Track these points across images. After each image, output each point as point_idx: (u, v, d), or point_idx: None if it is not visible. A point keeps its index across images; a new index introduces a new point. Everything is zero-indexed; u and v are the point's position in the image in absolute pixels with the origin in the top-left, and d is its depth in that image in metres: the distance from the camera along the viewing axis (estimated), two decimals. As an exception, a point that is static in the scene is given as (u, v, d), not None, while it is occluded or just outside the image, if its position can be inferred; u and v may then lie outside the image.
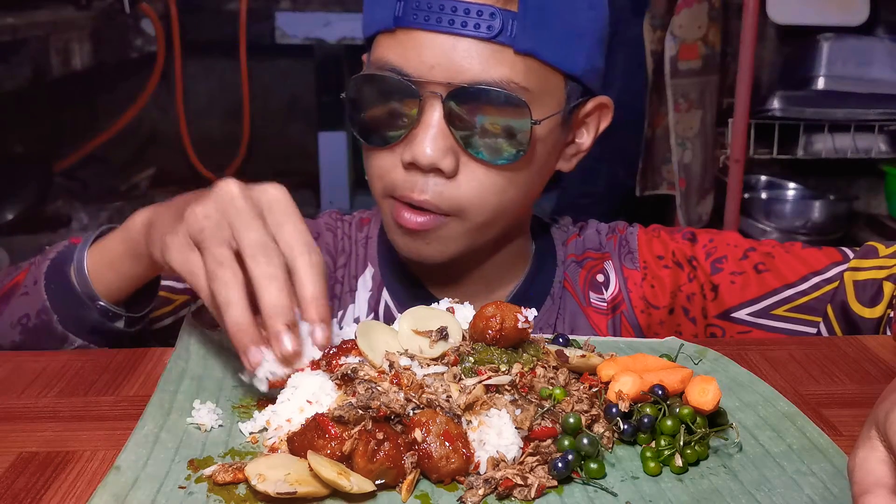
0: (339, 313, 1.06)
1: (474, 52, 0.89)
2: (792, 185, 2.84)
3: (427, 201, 0.91)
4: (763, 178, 2.86)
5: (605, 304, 1.06)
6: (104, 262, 0.87)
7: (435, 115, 0.90)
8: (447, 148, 0.90)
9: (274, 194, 0.74)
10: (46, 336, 0.89)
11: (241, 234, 0.71)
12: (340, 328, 0.80)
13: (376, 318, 1.05)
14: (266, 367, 0.70)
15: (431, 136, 0.89)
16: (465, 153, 0.91)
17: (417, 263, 1.03)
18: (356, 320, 1.05)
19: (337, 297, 1.06)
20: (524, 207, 1.01)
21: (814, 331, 1.02)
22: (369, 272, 1.07)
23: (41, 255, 0.93)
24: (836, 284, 1.02)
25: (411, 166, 0.91)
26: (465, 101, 0.89)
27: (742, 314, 1.04)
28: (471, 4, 0.88)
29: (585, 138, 1.03)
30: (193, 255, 0.73)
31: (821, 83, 2.60)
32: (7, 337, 0.91)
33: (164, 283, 0.96)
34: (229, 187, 0.73)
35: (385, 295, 1.06)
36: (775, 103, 2.55)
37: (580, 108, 0.99)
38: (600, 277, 1.07)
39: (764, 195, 2.83)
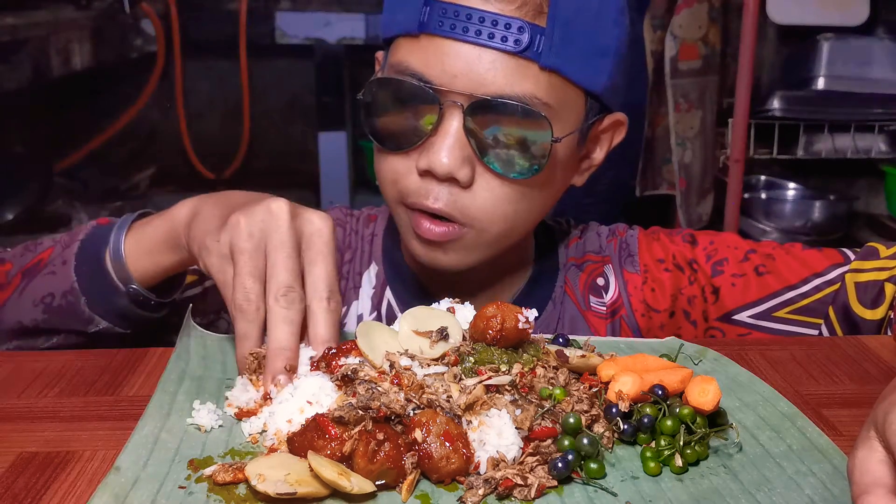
0: (343, 309, 1.06)
1: (499, 64, 0.88)
2: (792, 185, 2.83)
3: (441, 210, 0.91)
4: (763, 178, 2.86)
5: (605, 309, 1.06)
6: (142, 247, 0.88)
7: (454, 125, 0.89)
8: (464, 158, 0.89)
9: (318, 227, 0.77)
10: (71, 316, 0.89)
11: (272, 271, 0.75)
12: (343, 326, 0.81)
13: (379, 315, 1.05)
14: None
15: (449, 145, 0.88)
16: (482, 164, 0.90)
17: (421, 265, 1.03)
18: (360, 317, 1.06)
19: (342, 293, 1.06)
20: (537, 219, 1.01)
21: (815, 332, 1.02)
22: (373, 269, 1.08)
23: (67, 235, 0.93)
24: (837, 286, 1.02)
25: (426, 174, 0.90)
26: (486, 113, 0.88)
27: (743, 316, 1.04)
28: (499, 16, 0.87)
29: (598, 153, 1.02)
30: (229, 268, 0.76)
31: (821, 83, 2.60)
32: (28, 315, 0.91)
33: None
34: (280, 210, 0.76)
35: (388, 293, 1.06)
36: (775, 103, 2.55)
37: (597, 124, 0.98)
38: (600, 281, 1.07)
39: (764, 195, 2.82)
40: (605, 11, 0.93)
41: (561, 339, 0.81)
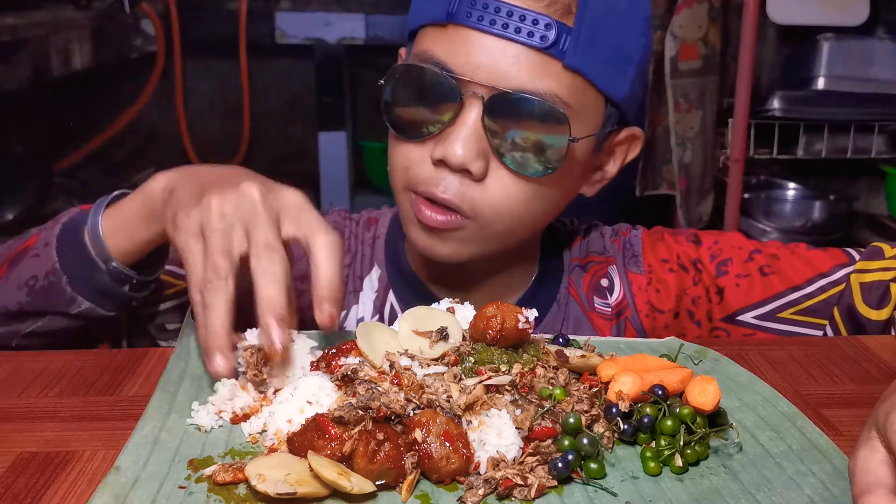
0: (343, 313, 1.05)
1: (523, 59, 0.87)
2: (792, 185, 2.83)
3: (449, 200, 0.90)
4: (763, 178, 2.86)
5: (610, 310, 1.05)
6: (119, 223, 0.87)
7: (472, 116, 0.88)
8: (479, 151, 0.89)
9: (293, 199, 0.77)
10: (54, 297, 0.89)
11: (252, 235, 0.73)
12: (342, 330, 0.81)
13: (381, 319, 1.05)
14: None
15: (465, 136, 0.88)
16: (497, 159, 0.90)
17: (425, 266, 1.03)
18: (360, 320, 1.05)
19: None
20: (543, 223, 1.00)
21: (820, 334, 1.02)
22: (375, 273, 1.07)
23: (52, 221, 0.93)
24: (842, 287, 1.01)
25: (440, 163, 0.90)
26: (506, 107, 0.88)
27: (748, 317, 1.03)
28: (527, 11, 0.87)
29: (612, 166, 1.02)
30: (198, 246, 0.74)
31: (821, 83, 2.60)
32: (13, 298, 0.90)
33: (167, 267, 0.96)
34: (251, 189, 0.75)
35: (391, 297, 1.05)
36: (775, 103, 2.55)
37: (613, 135, 0.98)
38: (604, 282, 1.07)
39: (764, 195, 2.82)
40: (632, 21, 0.93)
41: (561, 339, 0.81)
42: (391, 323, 1.03)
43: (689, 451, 0.66)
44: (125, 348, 0.88)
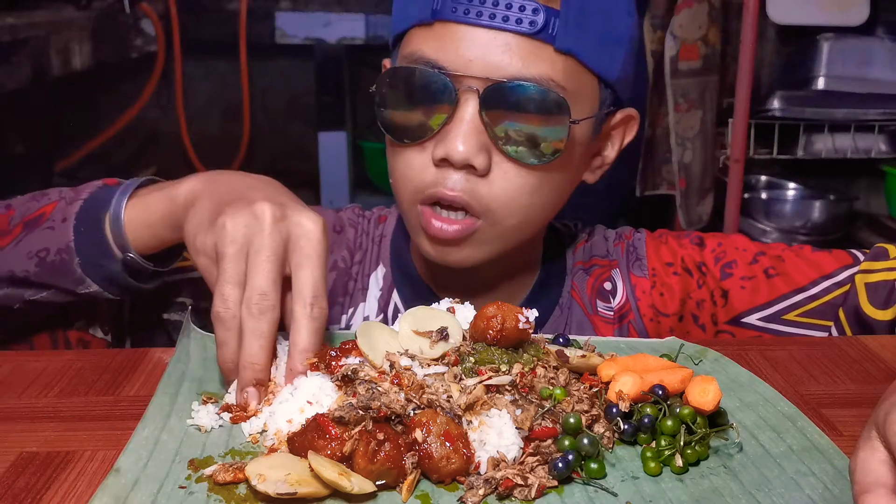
0: (350, 310, 1.05)
1: (514, 47, 0.87)
2: (792, 185, 2.83)
3: (459, 197, 0.89)
4: (763, 178, 2.86)
5: (612, 314, 1.05)
6: (142, 218, 0.87)
7: (469, 111, 0.87)
8: (481, 145, 0.88)
9: (307, 229, 0.75)
10: (63, 274, 0.88)
11: (249, 275, 0.73)
12: (349, 327, 0.81)
13: (385, 318, 1.04)
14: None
15: (464, 132, 0.87)
16: (499, 151, 0.89)
17: (430, 270, 1.02)
18: (366, 319, 1.05)
19: (349, 294, 1.05)
20: (551, 215, 0.99)
21: (825, 335, 1.02)
22: (381, 271, 1.06)
23: (72, 191, 0.92)
24: (847, 288, 1.01)
25: (443, 163, 0.89)
26: (503, 97, 0.87)
27: (752, 319, 1.03)
28: None
29: (610, 151, 1.01)
30: (213, 269, 0.75)
31: (821, 83, 2.60)
32: (21, 265, 0.89)
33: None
34: (263, 213, 0.74)
35: (395, 297, 1.05)
36: (775, 103, 2.55)
37: (609, 118, 0.97)
38: (608, 285, 1.06)
39: (764, 195, 2.82)
40: (618, 0, 0.92)
41: (561, 339, 0.81)
42: (394, 322, 1.03)
43: (689, 452, 0.66)
44: (126, 347, 0.88)
